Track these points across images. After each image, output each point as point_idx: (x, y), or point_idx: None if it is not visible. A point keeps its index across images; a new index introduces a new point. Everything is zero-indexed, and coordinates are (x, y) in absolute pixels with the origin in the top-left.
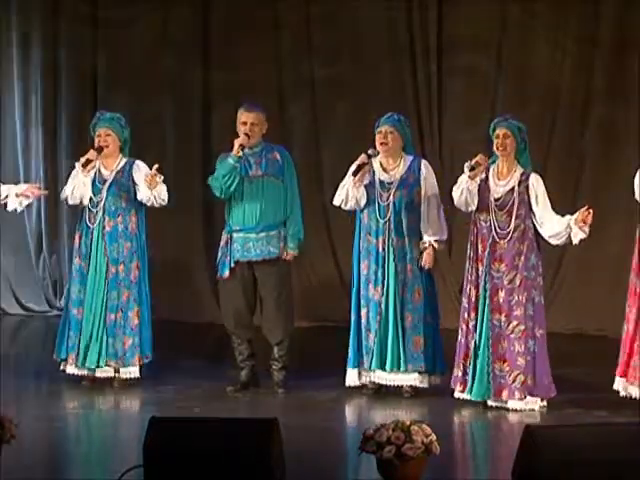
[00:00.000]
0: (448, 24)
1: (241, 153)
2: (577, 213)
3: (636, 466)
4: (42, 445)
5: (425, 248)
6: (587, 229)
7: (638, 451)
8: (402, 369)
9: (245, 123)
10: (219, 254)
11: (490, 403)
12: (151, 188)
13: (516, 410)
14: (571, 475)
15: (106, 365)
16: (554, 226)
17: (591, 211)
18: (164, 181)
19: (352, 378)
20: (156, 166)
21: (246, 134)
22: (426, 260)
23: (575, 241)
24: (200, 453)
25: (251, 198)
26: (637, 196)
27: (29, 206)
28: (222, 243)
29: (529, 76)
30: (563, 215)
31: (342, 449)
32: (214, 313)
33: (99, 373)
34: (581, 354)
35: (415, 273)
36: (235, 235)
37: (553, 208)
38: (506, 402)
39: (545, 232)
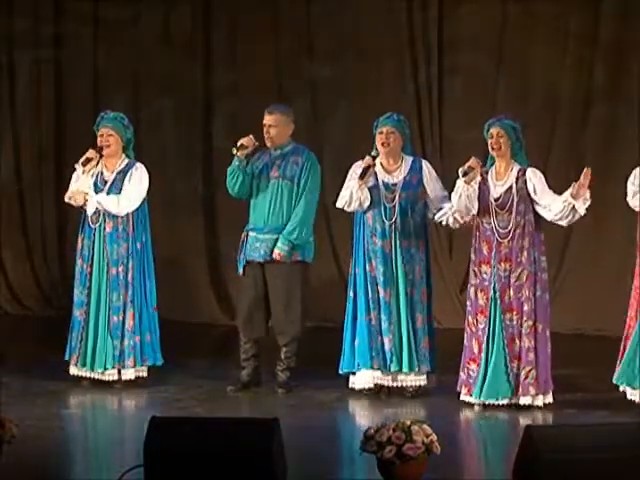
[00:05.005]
0: (449, 24)
1: (239, 153)
2: (571, 187)
3: (636, 466)
4: (43, 445)
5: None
6: (588, 194)
7: (638, 451)
8: (415, 369)
9: (265, 125)
10: (238, 251)
11: (507, 402)
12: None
13: (527, 406)
14: (571, 475)
15: (112, 368)
16: (556, 206)
17: (589, 172)
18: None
19: (365, 379)
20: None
21: (250, 137)
22: None
23: (582, 212)
24: (200, 453)
25: (265, 199)
26: (629, 199)
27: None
28: (240, 241)
29: (529, 76)
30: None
31: (342, 449)
32: (214, 313)
33: (104, 376)
34: (581, 354)
35: (422, 274)
36: (250, 234)
37: None
38: (519, 399)
39: (550, 215)
